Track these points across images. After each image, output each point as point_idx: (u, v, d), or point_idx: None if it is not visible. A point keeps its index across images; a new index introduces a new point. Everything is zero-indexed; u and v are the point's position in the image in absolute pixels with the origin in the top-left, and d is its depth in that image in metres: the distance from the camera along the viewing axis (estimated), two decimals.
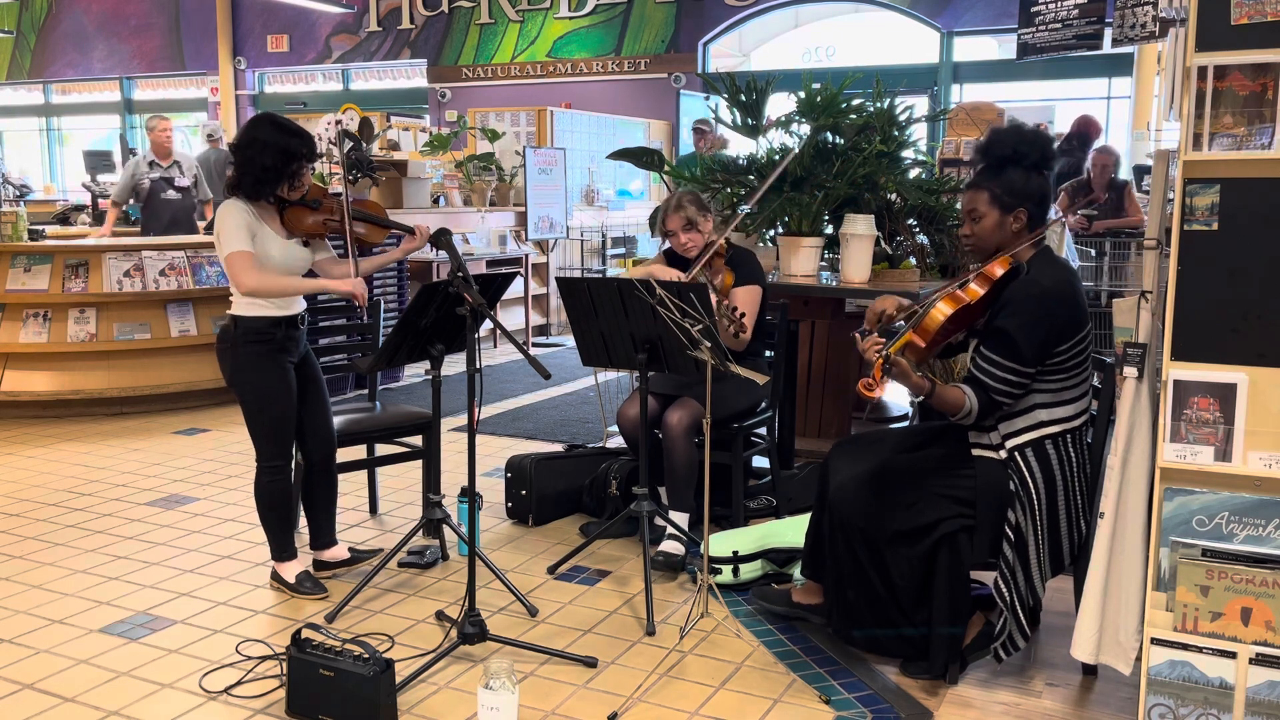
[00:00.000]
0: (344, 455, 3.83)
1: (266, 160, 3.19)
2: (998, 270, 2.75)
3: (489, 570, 3.35)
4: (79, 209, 8.84)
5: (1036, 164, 2.79)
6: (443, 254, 4.49)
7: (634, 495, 3.55)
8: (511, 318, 8.85)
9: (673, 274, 3.67)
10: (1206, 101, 2.17)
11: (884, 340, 2.66)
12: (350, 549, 3.64)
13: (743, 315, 3.45)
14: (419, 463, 4.14)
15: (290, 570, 3.45)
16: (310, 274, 3.45)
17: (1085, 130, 7.65)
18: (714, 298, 3.31)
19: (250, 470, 3.46)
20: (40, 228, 6.58)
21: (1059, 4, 6.62)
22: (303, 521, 3.69)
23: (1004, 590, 2.75)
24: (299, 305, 3.38)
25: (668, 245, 3.94)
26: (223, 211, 3.24)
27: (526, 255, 8.78)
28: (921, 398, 2.77)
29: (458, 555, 3.78)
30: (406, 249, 3.48)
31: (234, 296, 3.29)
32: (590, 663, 2.95)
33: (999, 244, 2.80)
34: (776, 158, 4.70)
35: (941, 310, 2.69)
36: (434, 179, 8.60)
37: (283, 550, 3.46)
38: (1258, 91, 2.14)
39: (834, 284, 4.53)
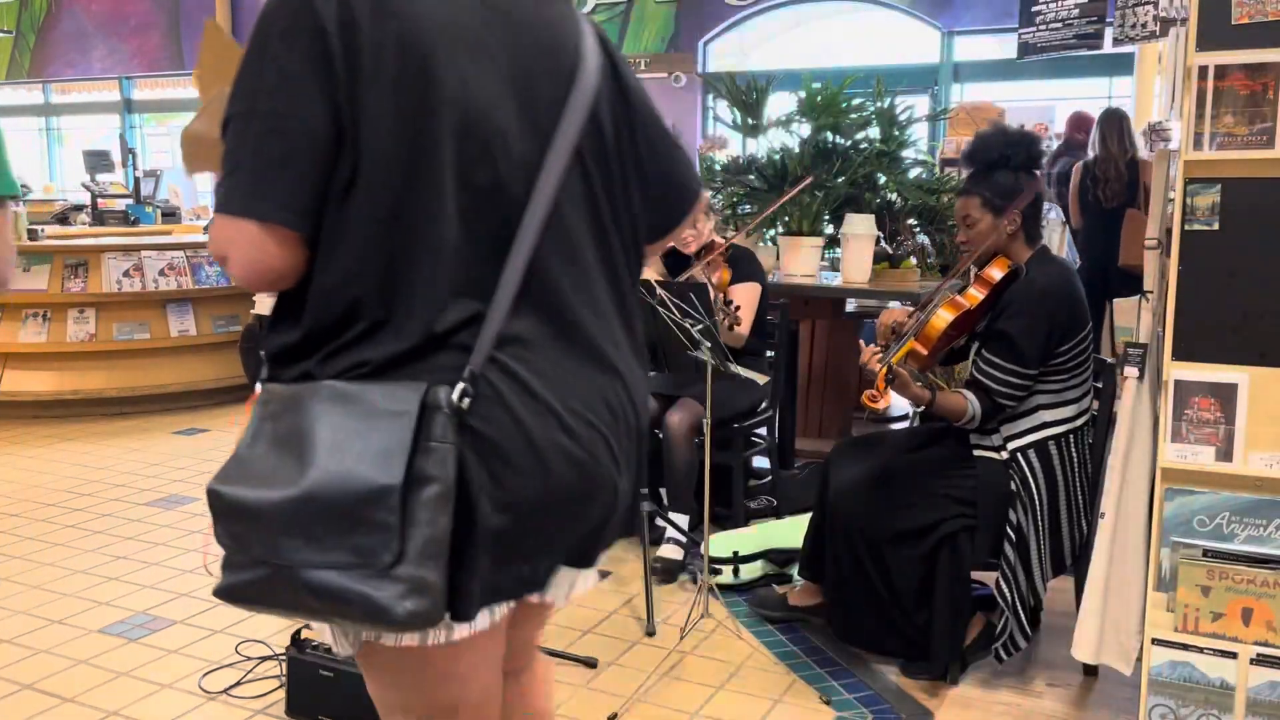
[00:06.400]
0: None
1: None
2: (996, 274, 2.76)
3: None
4: (78, 209, 8.79)
5: (1024, 164, 2.79)
6: None
7: None
8: None
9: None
10: (1207, 101, 2.17)
11: (885, 350, 2.66)
12: None
13: (738, 308, 3.46)
14: None
15: None
16: None
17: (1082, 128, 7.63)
18: (711, 292, 3.32)
19: None
20: (39, 227, 6.58)
21: (1059, 4, 6.61)
22: None
23: (1005, 590, 2.75)
24: None
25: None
26: None
27: None
28: (922, 408, 2.77)
29: None
30: None
31: (258, 296, 3.35)
32: (590, 663, 2.95)
33: (995, 247, 2.81)
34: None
35: (942, 317, 2.70)
36: None
37: None
38: (1258, 91, 2.13)
39: (834, 284, 4.53)
